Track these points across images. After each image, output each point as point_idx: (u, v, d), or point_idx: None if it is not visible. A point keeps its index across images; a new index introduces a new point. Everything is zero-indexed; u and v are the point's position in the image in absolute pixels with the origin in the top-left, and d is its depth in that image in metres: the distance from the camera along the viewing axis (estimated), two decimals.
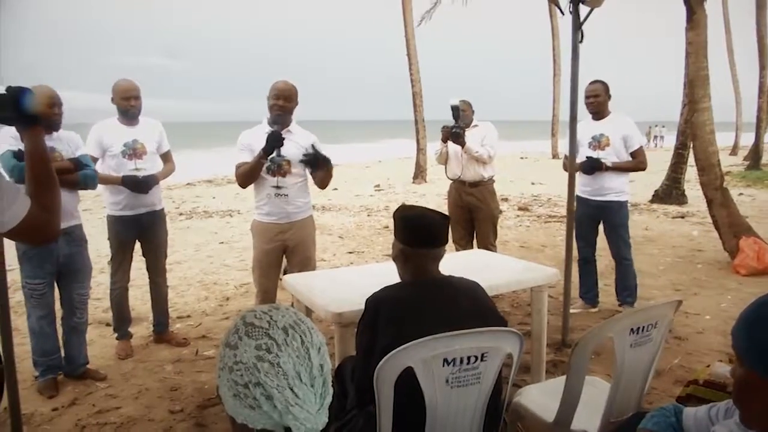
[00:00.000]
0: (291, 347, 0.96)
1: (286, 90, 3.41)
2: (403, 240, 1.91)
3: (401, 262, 1.93)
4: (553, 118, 23.00)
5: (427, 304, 1.81)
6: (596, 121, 4.25)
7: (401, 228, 1.93)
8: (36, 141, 1.52)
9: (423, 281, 1.89)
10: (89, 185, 3.25)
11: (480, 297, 1.91)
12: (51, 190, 1.50)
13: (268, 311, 1.01)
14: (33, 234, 1.45)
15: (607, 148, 4.18)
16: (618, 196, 4.22)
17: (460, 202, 4.68)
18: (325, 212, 9.69)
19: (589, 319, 4.30)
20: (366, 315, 1.85)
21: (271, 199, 3.44)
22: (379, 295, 1.85)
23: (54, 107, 3.10)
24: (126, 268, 3.76)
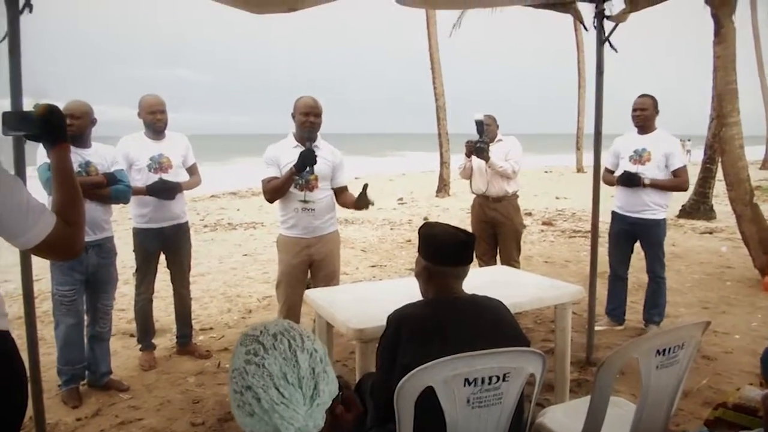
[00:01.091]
0: (278, 350, 1.00)
1: (314, 106, 3.44)
2: (427, 257, 1.90)
3: (424, 279, 1.91)
4: (578, 131, 22.80)
5: (449, 322, 1.79)
6: (640, 135, 4.18)
7: (426, 245, 1.92)
8: (62, 158, 1.55)
9: (446, 299, 1.87)
10: (121, 200, 3.31)
11: (503, 316, 1.89)
12: (76, 206, 1.52)
13: (265, 322, 1.05)
14: (58, 250, 1.47)
15: (648, 164, 4.10)
16: (655, 213, 4.14)
17: (483, 217, 4.65)
18: (348, 225, 9.70)
19: (615, 337, 4.23)
20: (387, 332, 1.83)
21: (297, 214, 3.46)
22: (401, 313, 1.84)
23: (75, 120, 3.10)
24: (150, 280, 3.80)
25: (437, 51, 14.91)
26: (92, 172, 3.20)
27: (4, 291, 5.29)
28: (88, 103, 3.19)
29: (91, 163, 3.21)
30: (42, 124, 1.55)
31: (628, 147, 4.21)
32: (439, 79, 14.86)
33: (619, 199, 4.27)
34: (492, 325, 1.83)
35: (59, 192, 1.53)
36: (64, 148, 1.57)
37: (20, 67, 2.36)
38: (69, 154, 1.59)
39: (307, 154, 3.28)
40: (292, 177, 3.34)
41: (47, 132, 1.56)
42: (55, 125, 1.57)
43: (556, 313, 2.86)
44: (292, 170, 3.31)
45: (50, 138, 1.57)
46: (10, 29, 2.34)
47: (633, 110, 4.15)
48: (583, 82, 21.98)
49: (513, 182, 4.58)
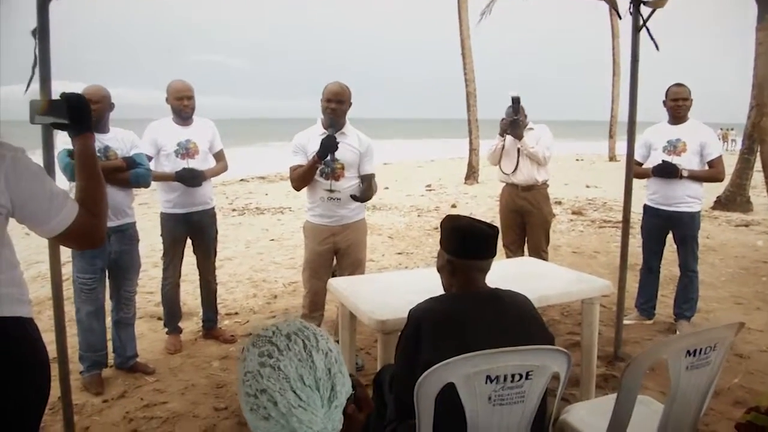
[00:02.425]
0: (293, 351, 0.97)
1: (339, 92, 3.40)
2: (450, 250, 1.87)
3: (448, 272, 1.88)
4: (611, 119, 22.32)
5: (472, 317, 1.76)
6: (673, 126, 4.05)
7: (449, 238, 1.88)
8: (87, 147, 1.55)
9: (469, 294, 1.83)
10: (141, 183, 3.31)
11: (528, 311, 1.84)
12: (99, 196, 1.53)
13: (276, 322, 1.02)
14: (80, 239, 1.48)
15: (683, 155, 3.97)
16: (690, 206, 4.01)
17: (512, 206, 4.55)
18: (375, 211, 9.68)
19: (644, 331, 4.13)
20: (408, 327, 1.81)
21: (324, 202, 3.46)
22: (423, 307, 1.81)
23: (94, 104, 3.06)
24: (177, 265, 3.84)
25: (468, 37, 14.70)
26: (111, 156, 3.21)
27: (36, 272, 5.41)
28: (105, 88, 3.19)
29: (110, 147, 3.22)
30: (69, 112, 1.56)
31: (660, 138, 4.08)
32: (469, 65, 14.67)
33: (652, 191, 4.14)
34: (515, 320, 1.79)
35: (83, 181, 1.53)
36: (89, 137, 1.57)
37: (49, 54, 2.37)
38: (93, 143, 1.59)
39: (327, 141, 3.26)
40: (315, 165, 3.33)
41: (73, 121, 1.56)
42: (82, 114, 1.58)
43: (584, 307, 2.80)
44: (315, 158, 3.29)
45: (76, 127, 1.57)
46: (39, 17, 2.34)
47: (672, 100, 4.00)
48: (618, 69, 21.50)
49: (543, 170, 4.48)
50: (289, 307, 4.73)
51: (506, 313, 1.79)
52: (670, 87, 4.03)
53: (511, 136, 4.40)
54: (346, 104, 3.44)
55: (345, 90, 3.43)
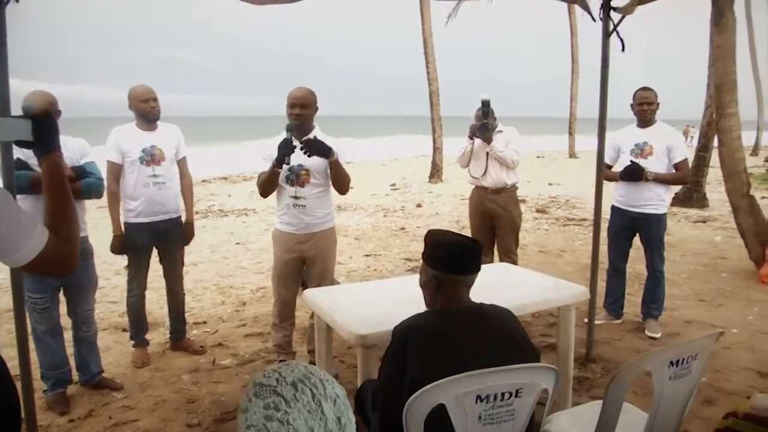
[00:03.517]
0: (301, 402, 0.91)
1: (302, 97, 3.32)
2: (436, 266, 1.83)
3: (432, 288, 1.85)
4: (571, 116, 22.72)
5: (458, 334, 1.73)
6: (641, 129, 4.12)
7: (435, 253, 1.85)
8: (54, 167, 1.46)
9: (454, 309, 1.81)
10: (93, 194, 3.15)
11: (512, 326, 1.83)
12: (70, 219, 1.43)
13: (277, 368, 0.96)
14: (50, 267, 1.38)
15: (650, 157, 4.04)
16: (656, 208, 4.09)
17: (481, 209, 4.57)
18: (340, 212, 9.62)
19: (613, 331, 4.20)
20: (394, 345, 1.77)
21: (289, 209, 3.39)
22: (408, 325, 1.78)
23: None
24: (142, 276, 3.71)
25: (431, 35, 14.72)
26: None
27: None
28: (50, 93, 3.01)
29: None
30: (34, 130, 1.46)
31: (628, 141, 4.15)
32: (432, 63, 14.70)
33: (620, 193, 4.21)
34: (502, 336, 1.77)
35: (52, 204, 1.43)
36: (57, 156, 1.48)
37: (7, 61, 2.25)
38: (62, 162, 1.50)
39: (283, 144, 3.19)
40: (274, 170, 3.25)
41: (40, 139, 1.47)
42: (49, 132, 1.48)
43: (560, 314, 2.81)
44: (273, 164, 3.22)
45: (43, 145, 1.47)
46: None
47: (638, 104, 4.06)
48: (576, 67, 21.89)
49: (512, 173, 4.51)
50: (258, 315, 4.64)
51: (492, 329, 1.77)
52: (637, 91, 4.10)
53: (480, 139, 4.40)
54: (311, 109, 3.36)
55: (309, 95, 3.35)
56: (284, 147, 3.19)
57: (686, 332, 4.22)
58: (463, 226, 8.04)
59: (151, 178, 3.54)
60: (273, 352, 3.70)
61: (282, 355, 3.60)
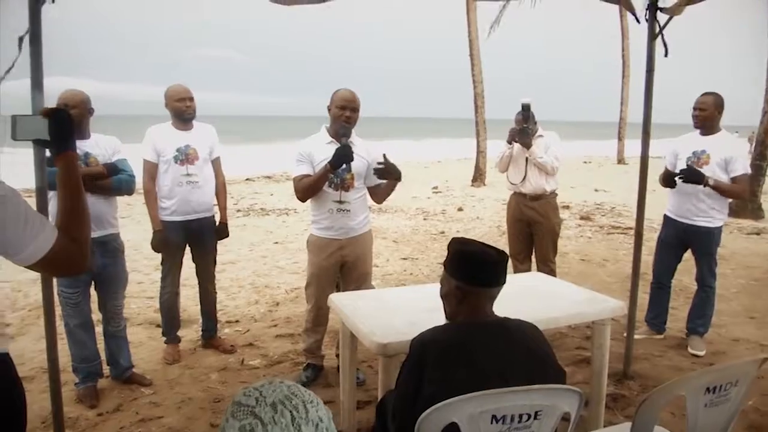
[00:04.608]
0: (279, 426, 0.85)
1: (353, 100, 3.25)
2: (460, 276, 1.76)
3: (455, 300, 1.77)
4: (621, 121, 22.07)
5: (479, 349, 1.65)
6: (702, 136, 3.88)
7: (460, 263, 1.77)
8: (69, 167, 1.46)
9: (476, 323, 1.73)
10: (124, 190, 3.18)
11: (537, 343, 1.74)
12: (82, 219, 1.43)
13: (259, 387, 0.90)
14: (60, 267, 1.38)
15: (705, 168, 3.79)
16: (710, 221, 3.86)
17: (519, 216, 4.46)
18: (380, 214, 9.58)
19: (654, 347, 4.01)
20: (411, 358, 1.71)
21: (332, 214, 3.32)
22: (426, 337, 1.71)
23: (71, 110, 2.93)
24: (176, 273, 3.75)
25: (476, 38, 14.55)
26: (92, 163, 3.09)
27: (24, 277, 5.22)
28: (83, 92, 3.08)
29: (91, 154, 3.10)
30: (51, 128, 1.46)
31: (686, 148, 3.92)
32: (478, 66, 14.52)
33: (672, 202, 4.00)
34: (524, 353, 1.68)
35: (64, 203, 1.43)
36: (71, 156, 1.48)
37: (41, 59, 2.28)
38: (76, 162, 1.49)
39: (343, 150, 3.12)
40: (327, 175, 3.19)
41: (55, 137, 1.47)
42: (64, 131, 1.48)
43: (594, 329, 2.69)
44: (327, 167, 3.15)
45: (58, 144, 1.47)
46: (31, 21, 2.25)
47: (693, 109, 3.85)
48: (627, 70, 21.25)
49: (552, 180, 4.38)
50: (291, 316, 4.64)
51: (515, 346, 1.68)
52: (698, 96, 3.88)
53: (520, 144, 4.29)
54: (358, 112, 3.30)
55: (356, 97, 3.29)
56: (345, 154, 3.12)
57: (733, 351, 3.99)
58: (503, 231, 7.88)
59: (185, 177, 3.58)
60: (302, 355, 3.68)
61: (310, 358, 3.57)
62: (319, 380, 3.51)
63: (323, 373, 3.58)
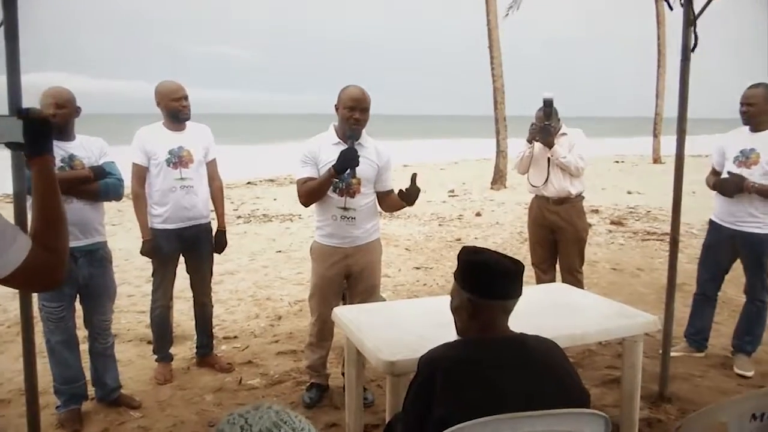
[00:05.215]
0: None
1: (363, 99, 3.23)
2: (472, 288, 1.74)
3: (466, 314, 1.75)
4: (656, 116, 21.89)
5: (492, 369, 1.63)
6: (752, 133, 3.79)
7: (471, 274, 1.75)
8: (45, 171, 1.45)
9: (490, 340, 1.71)
10: (112, 195, 3.19)
11: (557, 362, 1.71)
12: (58, 229, 1.41)
13: (245, 413, 0.89)
14: (33, 280, 1.37)
15: (754, 167, 3.70)
16: (760, 226, 3.74)
17: (542, 221, 4.42)
18: (392, 220, 9.56)
19: (694, 366, 3.94)
20: (419, 378, 1.69)
21: (336, 221, 3.31)
22: (436, 355, 1.69)
23: (59, 109, 3.01)
24: (168, 286, 3.75)
25: (496, 27, 14.51)
26: (77, 166, 3.09)
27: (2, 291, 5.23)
28: (69, 90, 3.09)
29: (76, 156, 3.10)
30: (26, 131, 1.46)
31: (734, 146, 3.83)
32: (497, 58, 14.48)
33: (718, 206, 3.92)
34: (543, 373, 1.66)
35: (39, 212, 1.42)
36: (48, 160, 1.47)
37: (18, 55, 2.29)
38: (53, 167, 1.48)
39: (348, 154, 3.10)
40: (331, 180, 3.18)
41: (30, 140, 1.46)
42: (39, 133, 1.47)
43: (625, 346, 2.65)
44: (331, 172, 3.14)
45: (33, 147, 1.47)
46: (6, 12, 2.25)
47: (740, 104, 3.74)
48: (663, 61, 21.10)
49: (577, 182, 4.33)
50: (293, 331, 4.63)
51: (533, 365, 1.66)
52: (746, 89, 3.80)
53: (541, 143, 4.26)
54: (368, 112, 3.28)
55: (368, 97, 3.26)
56: (351, 158, 3.10)
57: None
58: (525, 238, 7.82)
59: (179, 181, 3.58)
60: (305, 373, 3.66)
61: (314, 377, 3.55)
62: (324, 401, 3.50)
63: (328, 393, 3.56)
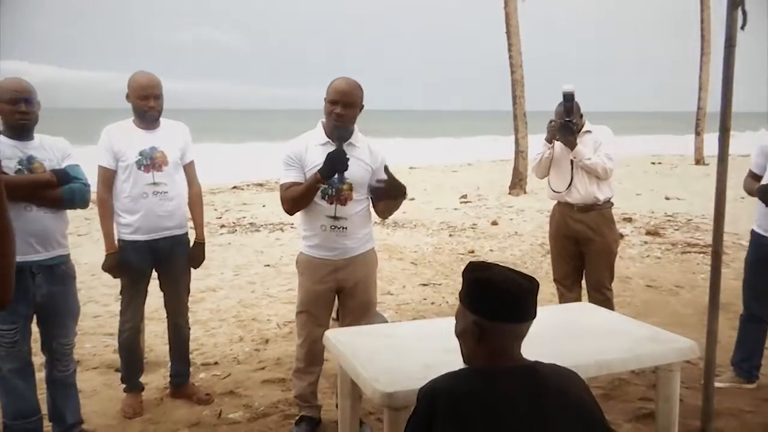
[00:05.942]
0: None
1: (348, 93, 3.23)
2: (479, 310, 1.72)
3: (472, 339, 1.74)
4: (699, 111, 21.81)
5: (502, 402, 1.63)
6: None
7: (477, 294, 1.74)
8: None
9: (498, 368, 1.70)
10: (77, 202, 3.18)
11: (577, 396, 1.69)
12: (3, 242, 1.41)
13: None
14: None
15: None
16: None
17: (566, 231, 4.42)
18: (396, 229, 9.58)
19: (743, 399, 3.89)
20: (418, 409, 1.69)
21: (325, 231, 3.32)
22: (438, 386, 1.68)
23: (18, 104, 3.00)
24: (138, 305, 3.75)
25: (515, 10, 14.53)
26: (37, 169, 3.08)
27: None
28: (27, 81, 3.08)
29: (35, 158, 3.10)
30: None
31: None
32: (516, 46, 14.46)
33: (759, 215, 3.92)
34: (560, 407, 1.65)
35: None
36: None
37: None
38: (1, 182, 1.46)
39: (335, 156, 3.11)
40: (316, 186, 3.18)
41: None
42: None
43: (659, 375, 2.63)
44: (317, 176, 3.14)
45: None
46: None
47: None
48: (707, 47, 21.02)
49: (605, 186, 4.32)
50: (282, 356, 4.62)
51: (548, 397, 1.64)
52: None
53: (561, 143, 4.26)
54: (355, 108, 3.27)
55: (354, 89, 3.26)
56: (338, 160, 3.10)
57: None
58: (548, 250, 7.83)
59: (151, 186, 3.58)
60: (294, 405, 3.65)
61: (304, 408, 3.54)
62: None
63: (320, 428, 3.55)
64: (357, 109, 3.29)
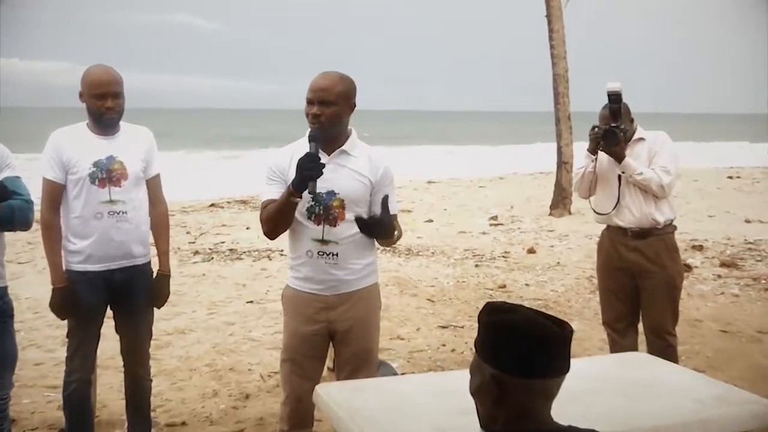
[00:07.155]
0: None
1: (325, 88, 3.23)
2: (497, 363, 1.72)
3: (490, 399, 1.74)
4: None
5: None
6: None
7: (495, 343, 1.74)
8: None
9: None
10: (17, 223, 3.22)
11: None
12: None
13: None
14: None
15: None
16: None
17: (617, 262, 4.44)
18: (410, 258, 9.61)
19: None
20: None
21: (312, 259, 3.32)
22: None
23: None
24: (89, 351, 3.77)
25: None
26: None
27: None
28: None
29: None
30: None
31: None
32: (558, 32, 14.47)
33: None
34: None
35: None
36: None
37: None
38: None
39: (305, 161, 3.07)
40: (291, 201, 3.17)
41: None
42: None
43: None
44: (289, 190, 3.14)
45: None
46: None
47: None
48: None
49: (665, 206, 4.34)
50: (265, 415, 4.63)
51: None
52: None
53: (607, 154, 4.28)
54: (338, 106, 3.25)
55: (335, 83, 3.25)
56: (307, 165, 3.07)
57: None
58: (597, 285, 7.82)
59: (107, 204, 3.61)
60: None
61: None
62: None
63: None
64: (340, 107, 3.27)
